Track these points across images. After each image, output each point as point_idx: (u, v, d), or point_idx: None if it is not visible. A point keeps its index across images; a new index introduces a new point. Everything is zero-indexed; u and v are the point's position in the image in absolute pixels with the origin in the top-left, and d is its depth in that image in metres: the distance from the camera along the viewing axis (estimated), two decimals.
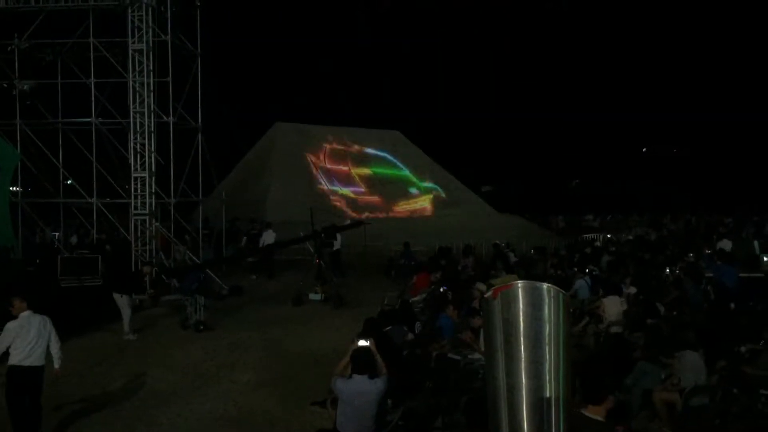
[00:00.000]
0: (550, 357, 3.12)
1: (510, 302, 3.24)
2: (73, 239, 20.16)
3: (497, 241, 23.02)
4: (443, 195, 38.20)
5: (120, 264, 14.22)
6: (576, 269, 15.96)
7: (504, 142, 59.73)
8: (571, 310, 3.85)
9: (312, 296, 16.99)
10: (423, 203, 37.35)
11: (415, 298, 14.22)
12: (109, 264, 16.23)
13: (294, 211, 26.66)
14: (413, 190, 37.54)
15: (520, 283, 3.37)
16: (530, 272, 15.96)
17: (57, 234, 20.58)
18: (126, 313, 13.46)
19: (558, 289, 3.34)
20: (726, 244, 22.12)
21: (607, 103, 60.57)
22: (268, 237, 21.34)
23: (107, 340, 13.36)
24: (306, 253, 20.40)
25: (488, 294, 3.44)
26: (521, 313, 3.19)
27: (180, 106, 18.58)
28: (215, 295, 17.26)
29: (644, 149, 64.10)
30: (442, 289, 13.33)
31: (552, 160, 60.58)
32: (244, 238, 22.14)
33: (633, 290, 13.21)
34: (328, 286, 17.20)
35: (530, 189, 55.81)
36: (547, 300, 3.21)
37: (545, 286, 3.32)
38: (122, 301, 13.45)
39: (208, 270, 17.81)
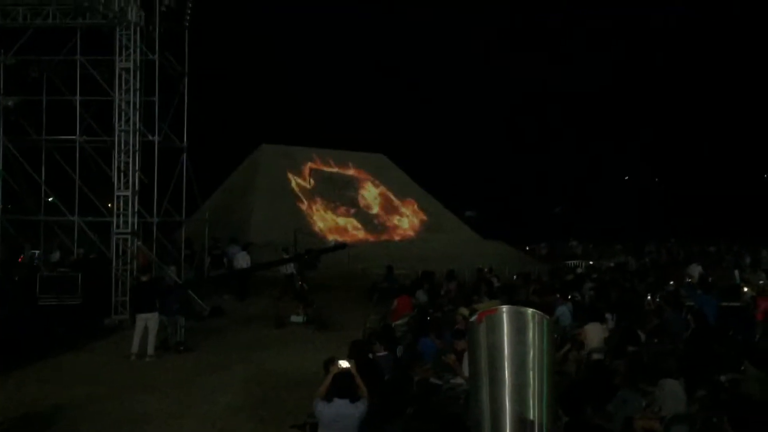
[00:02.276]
0: (534, 382, 3.14)
1: (495, 327, 3.27)
2: (54, 256, 19.95)
3: (480, 266, 23.07)
4: (427, 219, 38.29)
5: (148, 282, 14.18)
6: (558, 295, 16.02)
7: (488, 167, 60.14)
8: (555, 336, 3.91)
9: (293, 318, 16.93)
10: (406, 227, 37.42)
11: (398, 322, 14.19)
12: (94, 281, 16.12)
13: (277, 233, 26.62)
14: (397, 214, 37.61)
15: (504, 308, 3.41)
16: (513, 298, 15.98)
17: (37, 252, 20.38)
18: (154, 333, 13.45)
19: (542, 314, 3.39)
20: (695, 269, 22.34)
21: (591, 131, 61.25)
22: (242, 259, 21.25)
23: (85, 360, 13.21)
24: (290, 274, 20.35)
25: (473, 318, 3.48)
26: (506, 338, 3.22)
27: (166, 125, 18.57)
28: (196, 315, 17.16)
29: (626, 177, 64.73)
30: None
31: (536, 187, 61.03)
32: (208, 258, 22.05)
33: (611, 318, 13.27)
34: (309, 309, 17.15)
35: (514, 215, 56.04)
36: (531, 325, 3.25)
37: (529, 311, 3.36)
38: (154, 321, 13.45)
39: (189, 290, 17.71)
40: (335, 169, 37.35)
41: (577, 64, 61.07)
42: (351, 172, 37.94)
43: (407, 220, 37.82)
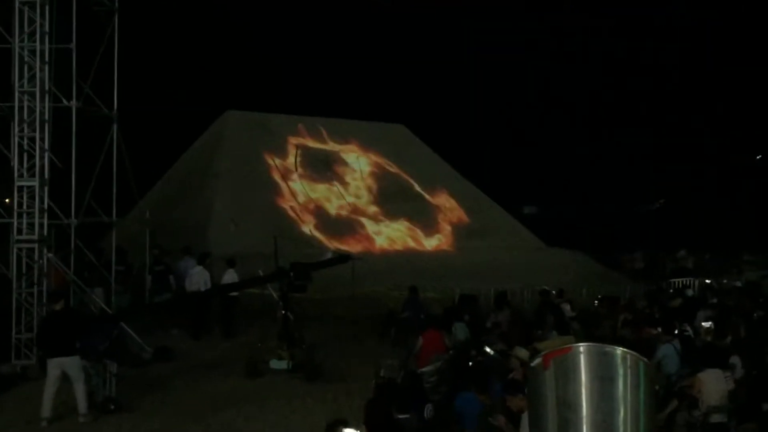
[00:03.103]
0: None
1: (568, 374, 3.24)
2: None
3: (545, 287, 23.00)
4: (467, 218, 38.23)
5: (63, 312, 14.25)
6: (660, 329, 15.95)
7: (555, 145, 59.78)
8: (657, 387, 3.89)
9: (274, 364, 16.92)
10: (437, 231, 37.38)
11: (425, 369, 14.18)
12: None
13: (249, 240, 26.65)
14: (423, 211, 37.56)
15: (582, 348, 3.38)
16: (594, 333, 15.95)
17: None
18: (82, 383, 13.50)
19: (637, 356, 3.35)
20: None
21: (703, 96, 60.77)
22: (197, 277, 21.27)
23: None
24: (266, 300, 20.39)
25: (536, 362, 3.45)
26: (585, 391, 3.19)
27: (88, 85, 18.62)
28: (133, 359, 17.21)
29: (758, 156, 64.23)
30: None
31: (624, 173, 60.55)
32: (149, 276, 22.14)
33: (739, 362, 13.22)
34: (297, 350, 17.14)
35: (593, 212, 55.69)
36: (621, 371, 3.22)
37: (619, 351, 3.32)
38: (75, 368, 13.46)
39: (123, 323, 17.76)
40: (331, 146, 37.38)
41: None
42: (354, 149, 37.94)
43: (438, 220, 37.78)
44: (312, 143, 36.81)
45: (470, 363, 13.34)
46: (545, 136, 59.87)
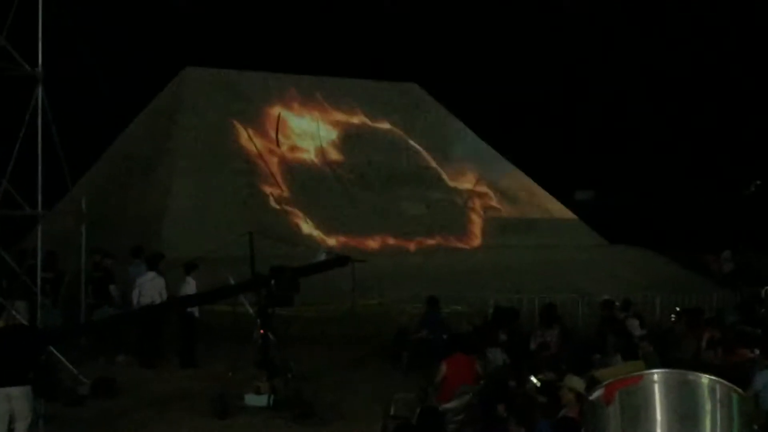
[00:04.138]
0: None
1: (638, 411, 3.23)
2: None
3: (607, 298, 22.97)
4: (503, 208, 38.22)
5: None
6: (758, 351, 15.95)
7: (616, 113, 59.59)
8: (755, 428, 3.86)
9: (250, 399, 16.94)
10: (463, 224, 37.38)
11: (449, 405, 14.19)
12: None
13: (217, 237, 26.67)
14: (445, 197, 37.56)
15: (656, 376, 3.35)
16: (670, 355, 15.94)
17: None
18: (25, 425, 13.43)
19: (728, 386, 3.33)
20: None
21: None
22: (150, 287, 21.22)
23: None
24: (240, 317, 20.43)
25: (596, 395, 3.43)
26: (659, 431, 3.16)
27: (3, 35, 18.65)
28: (66, 394, 17.24)
29: None
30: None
31: (705, 147, 60.41)
32: (89, 286, 22.10)
33: None
34: (280, 381, 17.15)
35: (666, 198, 55.59)
36: (708, 407, 3.20)
37: (705, 379, 3.30)
38: (25, 401, 13.41)
39: (53, 348, 17.80)
40: (325, 112, 37.32)
41: None
42: (355, 116, 37.89)
43: (464, 210, 37.76)
44: (299, 108, 36.75)
45: (508, 396, 13.33)
46: (605, 100, 59.63)
